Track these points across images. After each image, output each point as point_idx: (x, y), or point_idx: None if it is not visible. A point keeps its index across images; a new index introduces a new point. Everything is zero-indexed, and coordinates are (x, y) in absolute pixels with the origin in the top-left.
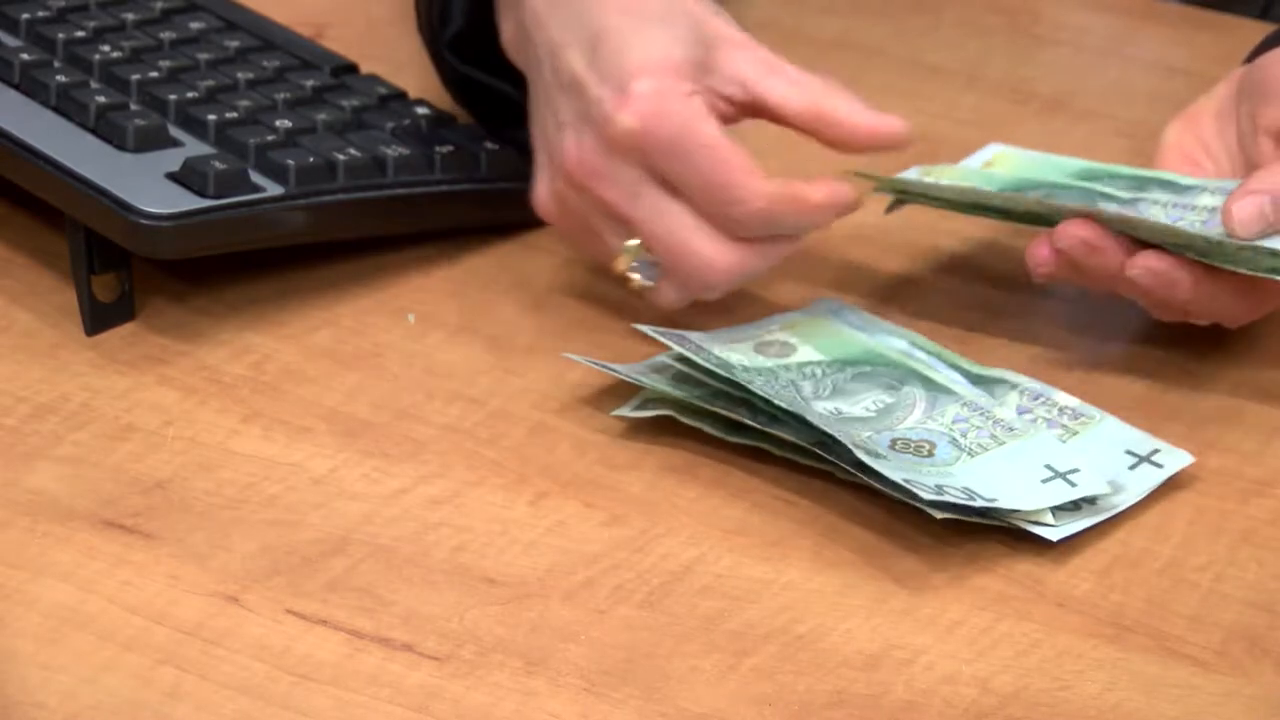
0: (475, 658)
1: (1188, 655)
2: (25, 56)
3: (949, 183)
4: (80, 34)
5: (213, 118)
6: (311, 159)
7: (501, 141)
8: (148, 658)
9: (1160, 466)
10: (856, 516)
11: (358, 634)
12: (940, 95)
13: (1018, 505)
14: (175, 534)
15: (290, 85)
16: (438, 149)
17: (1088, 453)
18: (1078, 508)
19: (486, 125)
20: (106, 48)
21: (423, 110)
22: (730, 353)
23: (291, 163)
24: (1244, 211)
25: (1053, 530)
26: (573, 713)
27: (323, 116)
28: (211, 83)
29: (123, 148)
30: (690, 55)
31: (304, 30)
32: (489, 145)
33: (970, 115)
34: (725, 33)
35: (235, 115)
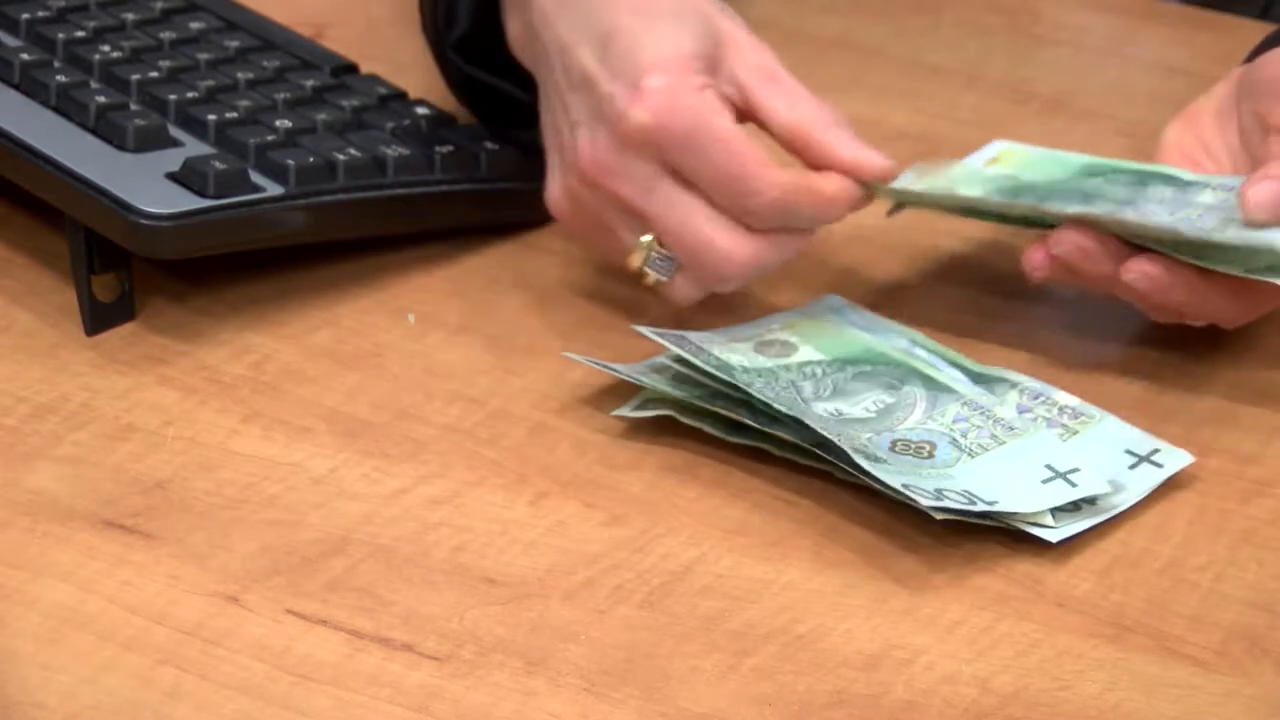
0: (475, 658)
1: (1188, 655)
2: (25, 56)
3: (944, 190)
4: (80, 34)
5: (213, 118)
6: (311, 159)
7: (506, 142)
8: (148, 658)
9: (1160, 466)
10: (856, 516)
11: (358, 634)
12: (940, 95)
13: (1018, 507)
14: (175, 534)
15: (290, 85)
16: (438, 149)
17: (1088, 452)
18: (1077, 508)
19: (492, 127)
20: (106, 48)
21: (423, 110)
22: (730, 353)
23: (291, 163)
24: (1260, 195)
25: (1052, 531)
26: (573, 713)
27: (323, 116)
28: (211, 83)
29: (123, 148)
30: (701, 50)
31: (304, 30)
32: (489, 145)
33: (970, 115)
34: (733, 33)
35: (235, 115)
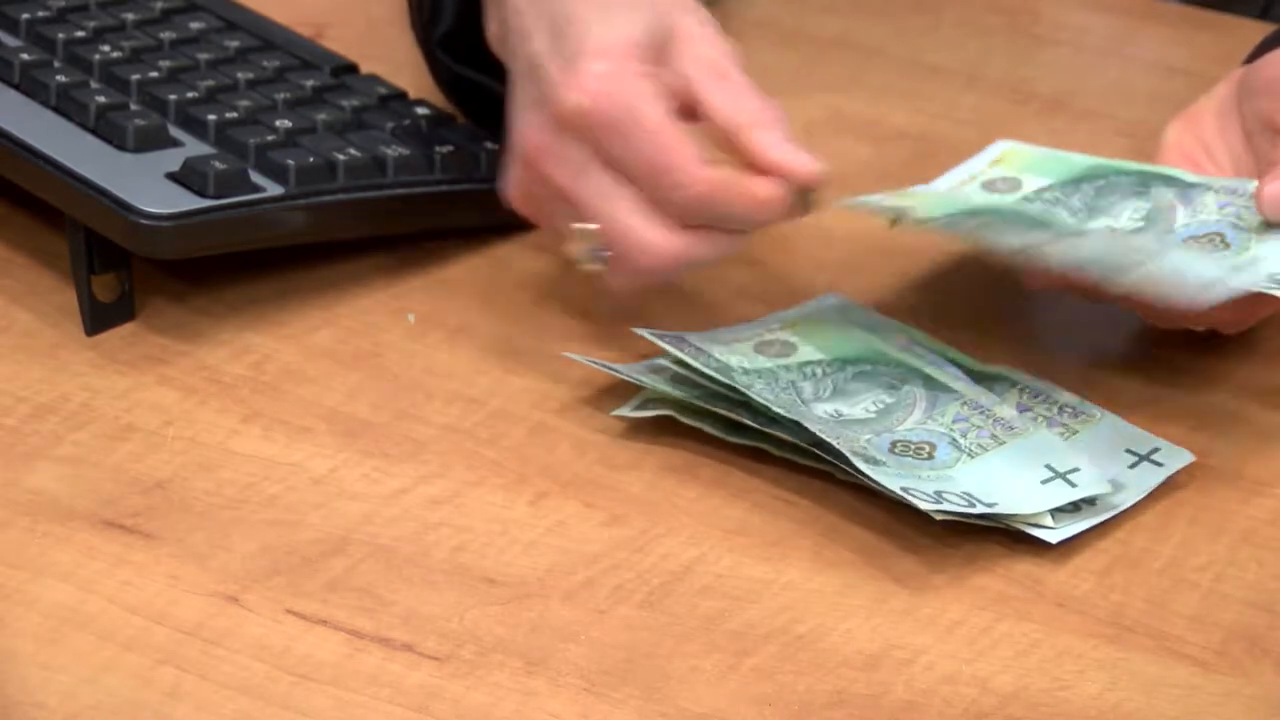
0: (475, 658)
1: (1188, 655)
2: (25, 56)
3: (921, 215)
4: (80, 34)
5: (213, 118)
6: (311, 159)
7: (494, 138)
8: (148, 658)
9: (1161, 465)
10: (856, 516)
11: (358, 634)
12: (940, 95)
13: (1017, 509)
14: (175, 534)
15: (290, 85)
16: (438, 149)
17: (1088, 451)
18: (1077, 509)
19: (479, 123)
20: (106, 48)
21: (423, 110)
22: (730, 354)
23: (291, 163)
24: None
25: (1052, 532)
26: (573, 713)
27: (323, 116)
28: (211, 83)
29: (123, 148)
30: (650, 40)
31: (304, 30)
32: (489, 145)
33: (970, 115)
34: (688, 26)
35: (235, 115)
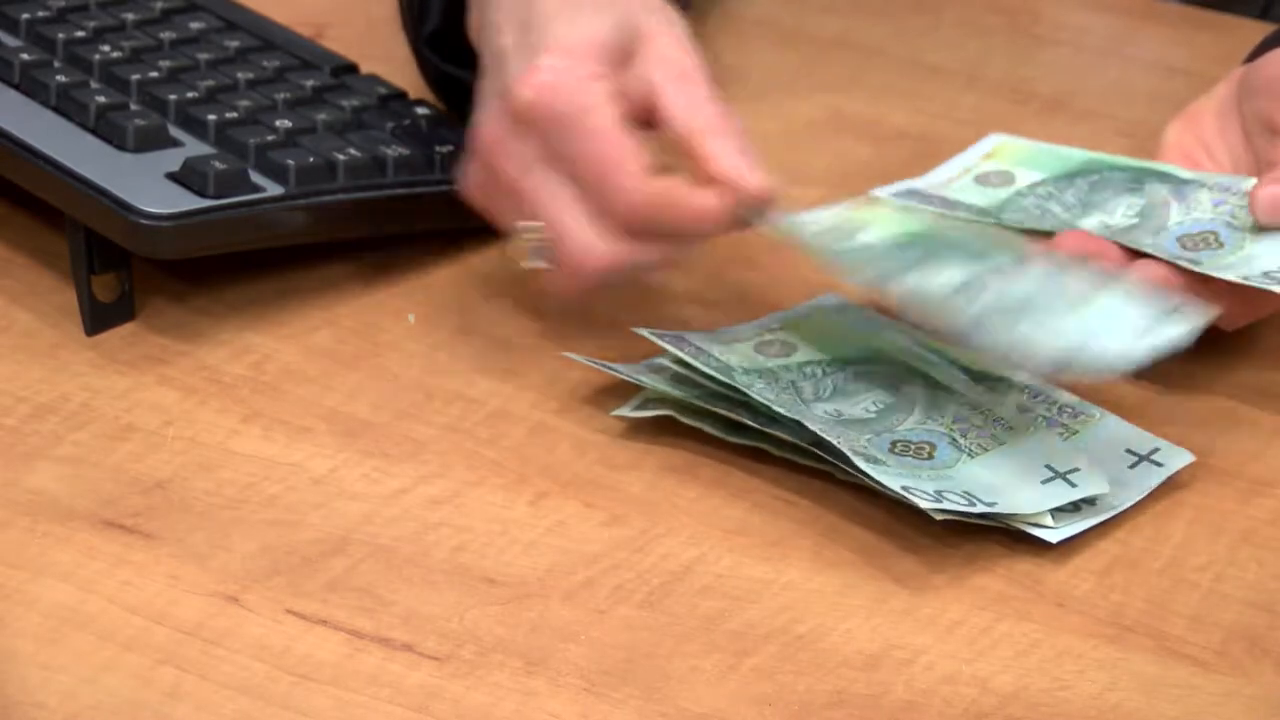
0: (475, 658)
1: (1188, 655)
2: (25, 56)
3: (814, 236)
4: (80, 34)
5: (213, 118)
6: (311, 159)
7: None
8: (148, 658)
9: (1160, 465)
10: (856, 516)
11: (358, 634)
12: (940, 95)
13: (1017, 509)
14: (175, 534)
15: (290, 85)
16: (438, 149)
17: (1088, 451)
18: (1077, 509)
19: (467, 121)
20: (106, 48)
21: (423, 110)
22: (730, 354)
23: (291, 163)
24: (1272, 197)
25: (1052, 532)
26: (573, 713)
27: (323, 116)
28: (211, 83)
29: (123, 148)
30: (613, 41)
31: (304, 30)
32: None
33: (970, 115)
34: (656, 29)
35: (235, 115)
